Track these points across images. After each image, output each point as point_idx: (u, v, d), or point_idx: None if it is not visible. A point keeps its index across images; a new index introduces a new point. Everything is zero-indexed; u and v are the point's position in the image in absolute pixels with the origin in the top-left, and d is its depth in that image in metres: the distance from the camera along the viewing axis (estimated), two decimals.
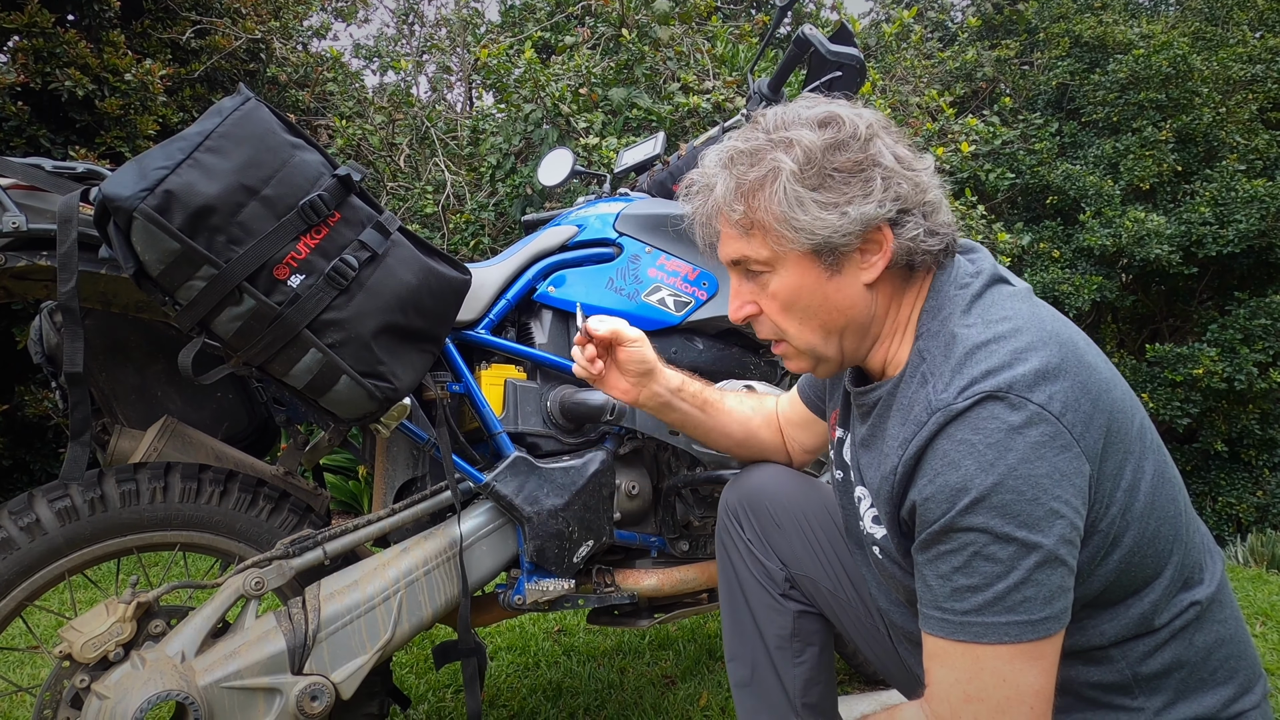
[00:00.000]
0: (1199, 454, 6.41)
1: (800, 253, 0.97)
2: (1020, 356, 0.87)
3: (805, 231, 0.94)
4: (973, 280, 0.98)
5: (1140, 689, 0.94)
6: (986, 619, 0.84)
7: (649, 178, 2.01)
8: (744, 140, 1.00)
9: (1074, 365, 0.88)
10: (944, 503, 0.85)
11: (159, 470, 1.39)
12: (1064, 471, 0.83)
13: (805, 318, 1.01)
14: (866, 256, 0.97)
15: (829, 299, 0.99)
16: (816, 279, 0.98)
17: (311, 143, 1.29)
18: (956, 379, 0.88)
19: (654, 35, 4.20)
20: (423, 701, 2.15)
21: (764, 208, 0.96)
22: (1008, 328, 0.90)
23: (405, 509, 1.50)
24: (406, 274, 1.33)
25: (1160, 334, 7.06)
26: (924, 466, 0.88)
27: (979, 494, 0.83)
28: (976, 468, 0.83)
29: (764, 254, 0.99)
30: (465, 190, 4.37)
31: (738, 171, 0.98)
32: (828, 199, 0.94)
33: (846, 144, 0.95)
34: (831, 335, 1.01)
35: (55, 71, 3.98)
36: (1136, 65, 6.32)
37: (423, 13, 5.96)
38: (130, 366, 1.61)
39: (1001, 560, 0.83)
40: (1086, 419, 0.85)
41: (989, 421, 0.84)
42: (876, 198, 0.93)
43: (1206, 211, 6.02)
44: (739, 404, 1.44)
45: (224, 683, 1.29)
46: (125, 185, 1.13)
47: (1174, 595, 0.94)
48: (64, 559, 1.33)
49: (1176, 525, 0.94)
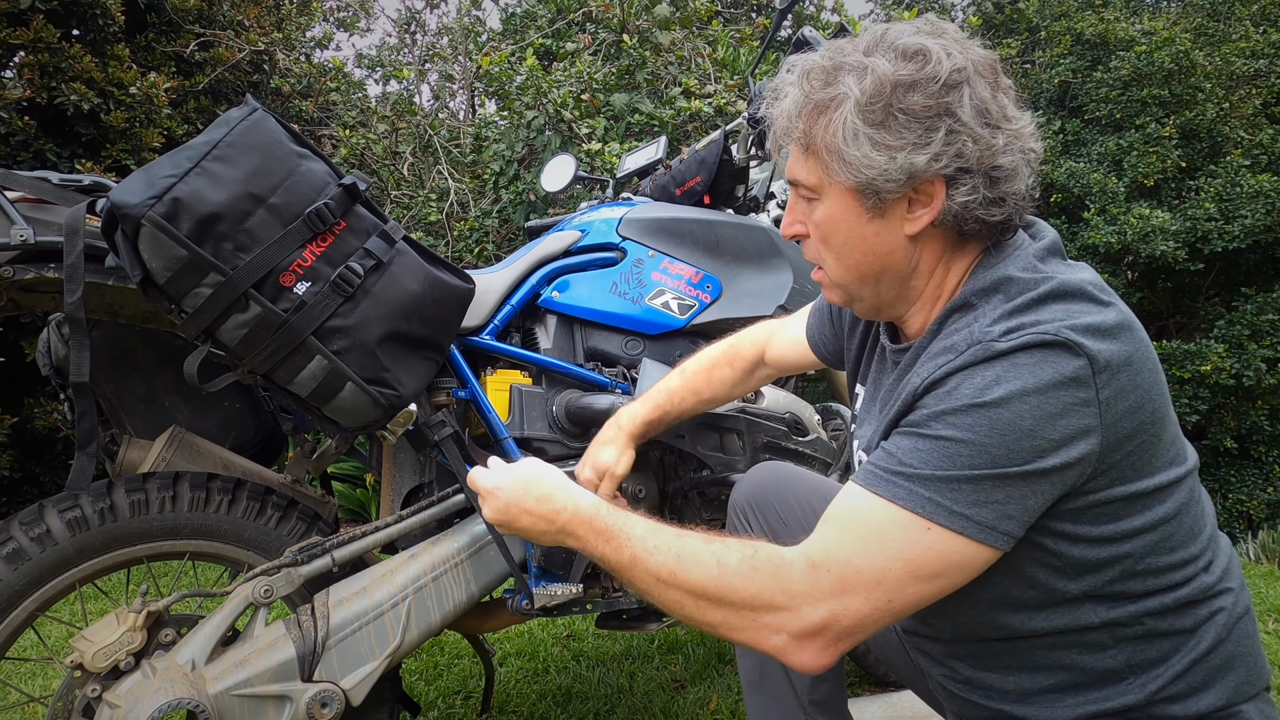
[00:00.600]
0: (1208, 451, 6.38)
1: (845, 187, 0.93)
2: (1079, 313, 0.84)
3: (851, 167, 0.90)
4: (1039, 246, 0.94)
5: (1134, 674, 0.93)
6: (914, 487, 0.83)
7: (651, 182, 2.02)
8: (830, 55, 0.94)
9: (1128, 336, 0.86)
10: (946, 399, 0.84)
11: (167, 480, 1.40)
12: (1072, 424, 0.81)
13: (841, 254, 0.97)
14: (913, 208, 0.93)
15: (866, 241, 0.95)
16: (856, 218, 0.94)
17: (317, 152, 1.30)
18: (1005, 322, 0.85)
19: (655, 40, 4.22)
20: (432, 708, 2.15)
21: (821, 133, 0.92)
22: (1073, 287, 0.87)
23: (413, 515, 1.51)
24: (411, 282, 1.33)
25: (1167, 331, 7.03)
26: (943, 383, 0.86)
27: (981, 401, 0.81)
28: (991, 380, 0.81)
29: (811, 180, 0.96)
30: (469, 197, 4.39)
31: (809, 88, 0.94)
32: (882, 139, 0.89)
33: (921, 85, 0.88)
34: (867, 279, 0.98)
35: (61, 86, 4.01)
36: (1139, 62, 6.31)
37: (425, 22, 5.99)
38: (138, 376, 1.62)
39: (961, 461, 0.82)
40: (1120, 389, 0.83)
41: (1029, 352, 0.81)
42: (932, 150, 0.88)
43: (1211, 207, 6.01)
44: (696, 398, 1.49)
45: (234, 690, 1.30)
46: (133, 193, 1.14)
47: (1176, 583, 0.93)
48: (74, 569, 1.33)
49: (1186, 514, 0.93)
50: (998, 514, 0.82)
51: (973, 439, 0.81)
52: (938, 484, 0.82)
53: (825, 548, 0.87)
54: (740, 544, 0.92)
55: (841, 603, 0.85)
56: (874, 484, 0.87)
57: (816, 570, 0.86)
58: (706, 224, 1.78)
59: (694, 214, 1.81)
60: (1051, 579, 0.91)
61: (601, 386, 1.67)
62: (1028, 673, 0.98)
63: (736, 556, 0.90)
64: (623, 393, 1.66)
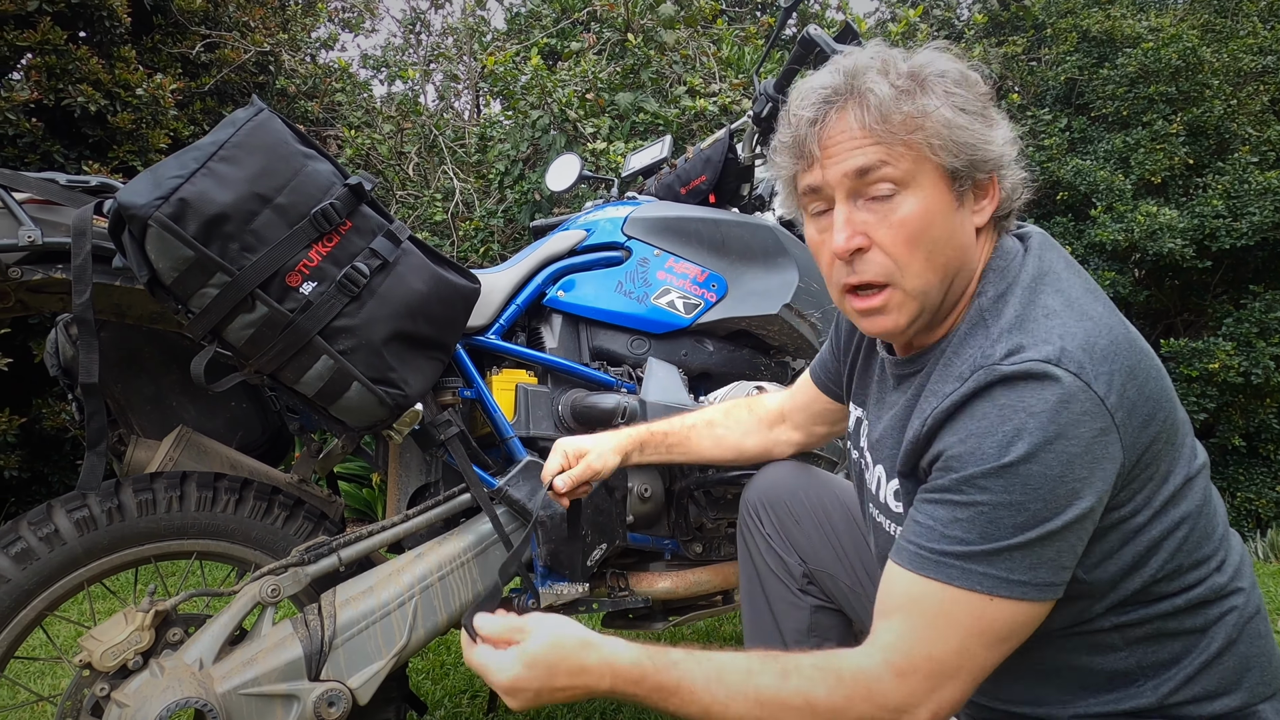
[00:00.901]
0: (1216, 449, 6.35)
1: (941, 170, 0.91)
2: (1073, 332, 0.85)
3: (964, 145, 0.90)
4: (1030, 257, 0.96)
5: (1146, 676, 0.93)
6: (967, 565, 0.83)
7: (657, 181, 2.02)
8: (887, 55, 0.94)
9: (1125, 348, 0.86)
10: (971, 461, 0.83)
11: (175, 479, 1.40)
12: (1096, 455, 0.81)
13: (932, 250, 0.92)
14: (979, 200, 0.95)
15: (954, 233, 0.93)
16: (948, 207, 0.92)
17: (323, 152, 1.30)
18: (1005, 341, 0.86)
19: (659, 39, 4.22)
20: (439, 707, 2.16)
21: (933, 110, 0.89)
22: (1061, 303, 0.88)
23: (419, 514, 1.51)
24: (417, 282, 1.33)
25: (1175, 329, 7.00)
26: (958, 422, 0.85)
27: (1009, 460, 0.80)
28: (1011, 434, 0.81)
29: (906, 165, 0.90)
30: (474, 197, 4.39)
31: (893, 76, 0.91)
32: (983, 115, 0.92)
33: (976, 80, 0.94)
34: (946, 277, 0.94)
35: (68, 88, 4.02)
36: (1146, 59, 6.28)
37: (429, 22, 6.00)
38: (145, 377, 1.63)
39: (1005, 525, 0.82)
40: (1131, 405, 0.84)
41: (1033, 391, 0.81)
42: (1006, 129, 0.92)
43: (1219, 204, 5.97)
44: (710, 425, 1.42)
45: (242, 690, 1.30)
46: (140, 194, 1.14)
47: (1189, 585, 0.92)
48: (83, 569, 1.34)
49: (1199, 519, 0.92)
50: (1053, 569, 0.83)
51: (1009, 500, 0.81)
52: (989, 558, 0.82)
53: (903, 649, 0.85)
54: (814, 666, 0.87)
55: (938, 696, 0.85)
56: (927, 568, 0.85)
57: (905, 677, 0.85)
58: (712, 223, 1.78)
59: (699, 213, 1.80)
60: (1079, 598, 0.90)
61: (607, 386, 1.67)
62: (1037, 675, 0.97)
63: (822, 687, 0.85)
64: (628, 392, 1.66)
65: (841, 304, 1.00)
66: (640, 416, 1.59)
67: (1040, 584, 0.83)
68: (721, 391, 1.69)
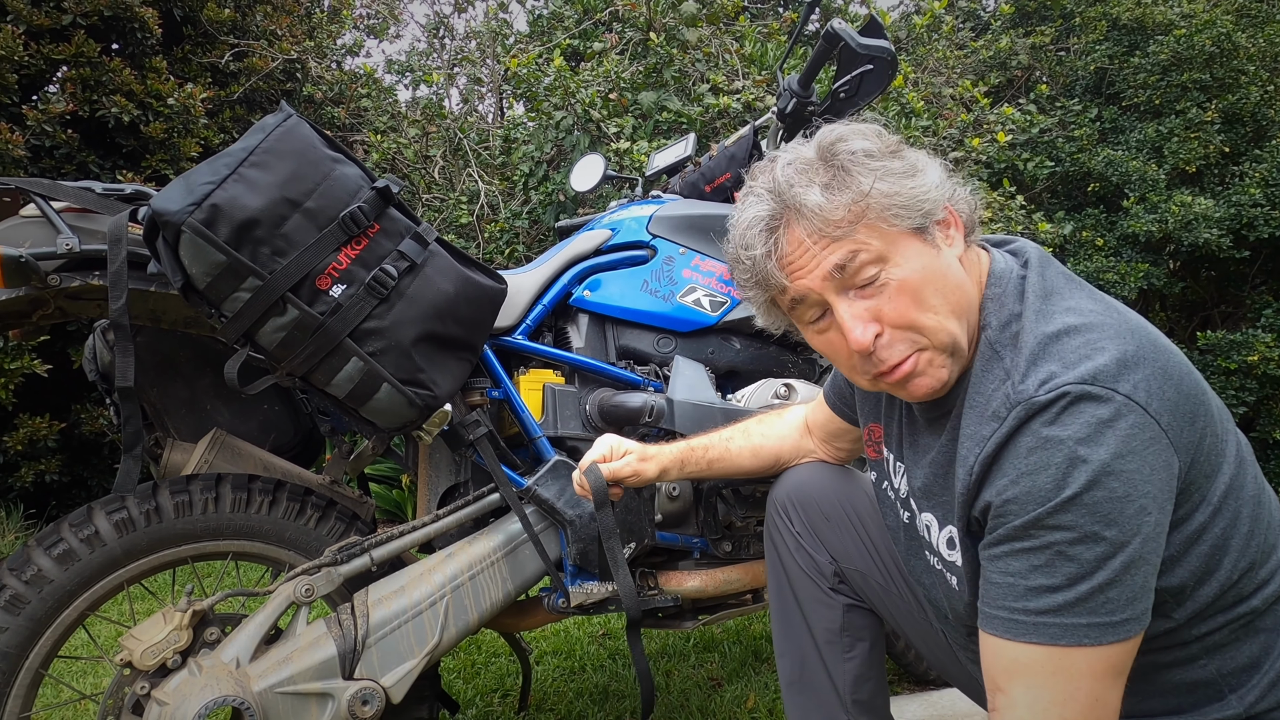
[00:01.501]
0: (1257, 443, 6.20)
1: (909, 233, 0.91)
2: (1098, 346, 0.82)
3: (910, 205, 0.90)
4: (1028, 274, 0.94)
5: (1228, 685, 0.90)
6: (1065, 619, 0.79)
7: (681, 179, 2.01)
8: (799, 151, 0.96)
9: (1151, 351, 0.84)
10: (1030, 502, 0.80)
11: (210, 481, 1.42)
12: (1154, 465, 0.79)
13: (940, 300, 0.91)
14: (946, 230, 0.94)
15: (946, 274, 0.92)
16: (930, 255, 0.92)
17: (350, 156, 1.31)
18: (1035, 371, 0.83)
19: (682, 38, 4.21)
20: (470, 706, 2.17)
21: (868, 190, 0.90)
22: (1076, 319, 0.86)
23: (449, 514, 1.52)
24: (444, 283, 1.34)
25: (1212, 321, 6.85)
26: (1004, 464, 0.83)
27: (1071, 493, 0.78)
28: (1065, 466, 0.78)
29: (875, 244, 0.90)
30: (499, 199, 4.41)
31: (819, 177, 0.92)
32: (906, 168, 0.92)
33: (878, 133, 0.95)
34: (962, 318, 0.93)
35: (102, 99, 4.11)
36: (1178, 45, 6.15)
37: (453, 26, 6.04)
38: (180, 381, 1.66)
39: (1087, 560, 0.78)
40: (1173, 407, 0.81)
41: (1076, 416, 0.79)
42: (934, 166, 0.94)
43: (1257, 193, 5.84)
44: (747, 437, 1.41)
45: (278, 688, 1.32)
46: (173, 200, 1.16)
47: (1264, 580, 0.89)
48: (122, 569, 1.36)
49: (1257, 508, 0.90)
50: (1146, 598, 0.81)
51: (1083, 533, 0.78)
52: (1085, 605, 0.79)
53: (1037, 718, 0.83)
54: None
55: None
56: (1027, 634, 0.82)
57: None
58: None
59: (724, 210, 1.79)
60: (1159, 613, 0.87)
61: (634, 385, 1.67)
62: None
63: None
64: (655, 390, 1.66)
65: (877, 387, 0.99)
66: (667, 415, 1.58)
67: (1139, 616, 0.81)
68: (749, 389, 1.68)
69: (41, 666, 1.33)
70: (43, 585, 1.30)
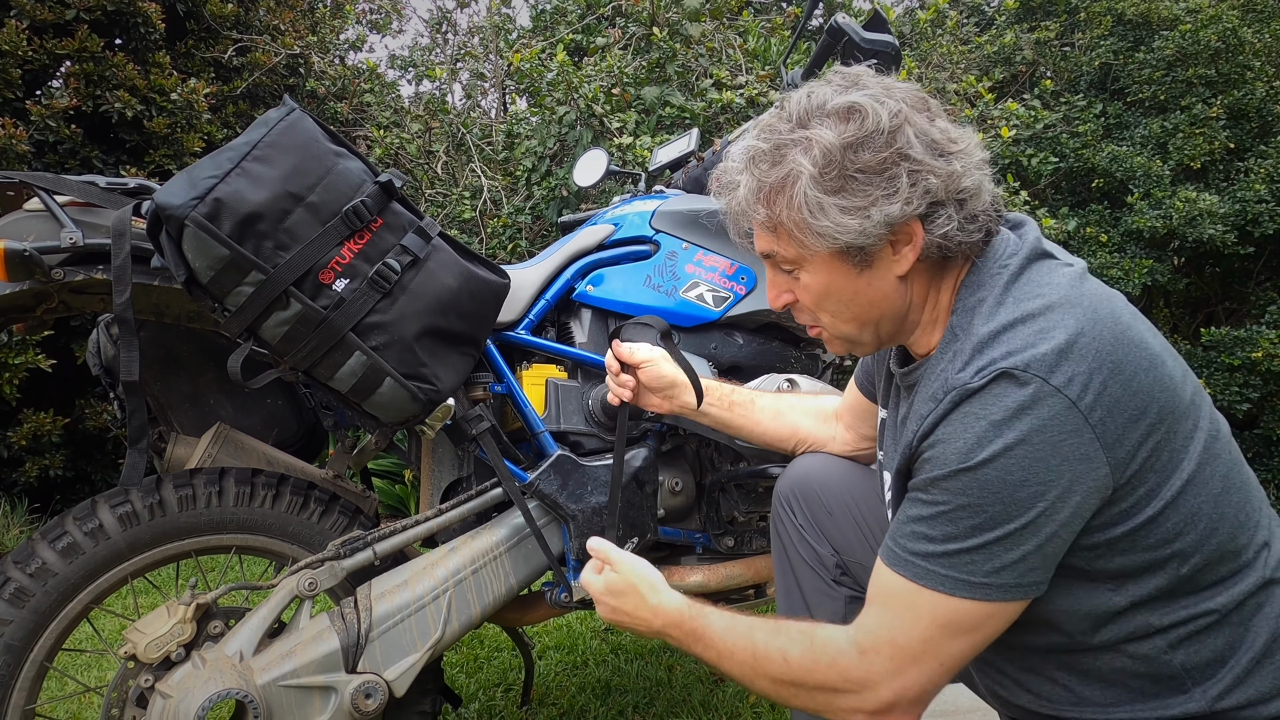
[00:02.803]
0: (1260, 440, 6.19)
1: (827, 253, 0.95)
2: (1045, 335, 0.84)
3: (827, 237, 0.92)
4: (1012, 259, 0.94)
5: (1191, 679, 0.90)
6: (929, 565, 0.88)
7: (684, 174, 2.01)
8: (765, 136, 0.96)
9: (1106, 345, 0.84)
10: (937, 464, 0.87)
11: (214, 475, 1.43)
12: (1066, 456, 0.82)
13: (838, 310, 1.00)
14: (898, 249, 0.94)
15: (860, 294, 0.97)
16: (846, 276, 0.96)
17: (354, 151, 1.31)
18: (977, 359, 0.87)
19: (685, 33, 4.20)
20: (473, 700, 2.18)
21: (784, 213, 0.93)
22: (1039, 305, 0.88)
23: (452, 509, 1.52)
24: (447, 277, 1.34)
25: (1216, 317, 6.84)
26: (934, 434, 0.89)
27: (969, 464, 0.83)
28: (975, 440, 0.83)
29: (790, 253, 0.97)
30: (502, 194, 4.41)
31: (758, 173, 0.96)
32: (849, 203, 0.90)
33: (869, 140, 0.89)
34: (866, 325, 1.00)
35: (105, 94, 4.11)
36: (1184, 41, 6.13)
37: (455, 21, 6.03)
38: (183, 375, 1.66)
39: (964, 526, 0.85)
40: (1113, 403, 0.82)
41: (1000, 398, 0.83)
42: (902, 196, 0.89)
43: (1262, 189, 5.82)
44: (775, 400, 1.44)
45: (281, 681, 1.32)
46: (176, 195, 1.16)
47: (1224, 576, 0.90)
48: (126, 563, 1.37)
49: (1221, 505, 0.90)
50: (1017, 573, 0.86)
51: (966, 502, 0.85)
52: (951, 560, 0.86)
53: (871, 631, 0.93)
54: (799, 632, 0.99)
55: (900, 680, 0.91)
56: (898, 564, 0.91)
57: (866, 655, 0.92)
58: None
59: None
60: (1098, 595, 0.90)
61: None
62: (1080, 677, 0.95)
63: (797, 649, 0.97)
64: None
65: None
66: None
67: (1003, 585, 0.86)
68: (752, 385, 1.68)
69: (46, 659, 1.34)
70: (47, 578, 1.31)
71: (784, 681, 0.97)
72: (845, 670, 0.93)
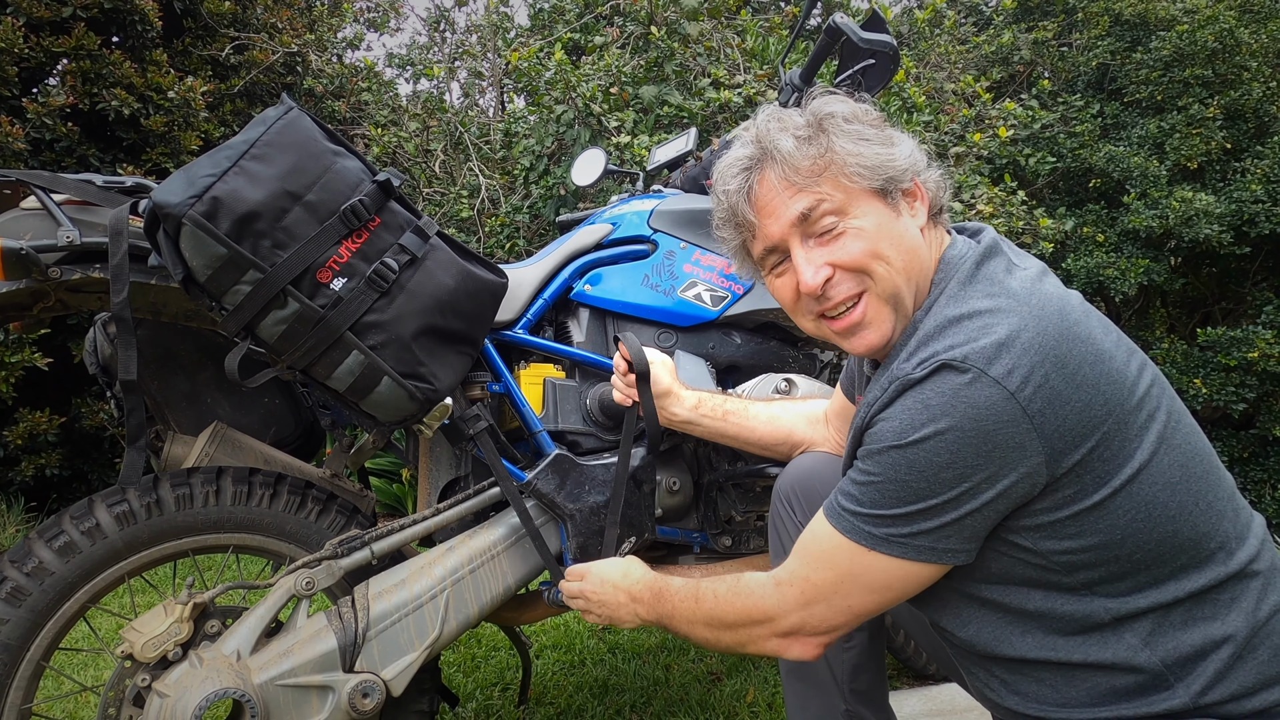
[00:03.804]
0: (1256, 440, 6.20)
1: (871, 192, 1.00)
2: (987, 330, 0.88)
3: (874, 168, 0.99)
4: (966, 261, 0.99)
5: (1174, 675, 0.91)
6: (853, 521, 0.96)
7: (682, 174, 2.01)
8: (781, 112, 1.06)
9: (1050, 340, 0.87)
10: (876, 439, 0.93)
11: (211, 474, 1.43)
12: (997, 443, 0.86)
13: (894, 253, 0.99)
14: (910, 201, 1.03)
15: (903, 236, 1.01)
16: (890, 216, 1.01)
17: (351, 150, 1.31)
18: (921, 351, 0.92)
19: (683, 32, 4.20)
20: (471, 699, 2.18)
21: (835, 147, 0.99)
22: (987, 304, 0.92)
23: (450, 508, 1.52)
24: (445, 277, 1.34)
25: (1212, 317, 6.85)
26: (876, 419, 0.94)
27: (901, 443, 0.89)
28: (910, 421, 0.89)
29: (838, 197, 0.99)
30: (499, 193, 4.41)
31: (792, 126, 1.02)
32: (881, 138, 1.00)
33: (866, 110, 1.03)
34: (911, 278, 1.01)
35: (102, 92, 4.10)
36: (1181, 41, 6.14)
37: (454, 20, 6.02)
38: (180, 374, 1.66)
39: (889, 496, 0.92)
40: (1053, 396, 0.85)
41: (939, 385, 0.88)
42: (910, 142, 1.02)
43: (1258, 189, 5.83)
44: (768, 406, 1.48)
45: (278, 680, 1.32)
46: (174, 193, 1.16)
47: (1185, 566, 0.90)
48: (123, 562, 1.37)
49: (1187, 494, 0.90)
50: (932, 539, 0.92)
51: (895, 477, 0.91)
52: (874, 519, 0.94)
53: (790, 569, 1.03)
54: (732, 576, 1.12)
55: (806, 611, 1.01)
56: (830, 516, 1.00)
57: (781, 587, 1.03)
58: None
59: None
60: (1043, 576, 0.93)
61: None
62: (1062, 676, 0.96)
63: (725, 586, 1.10)
64: None
65: (821, 332, 1.07)
66: None
67: (919, 547, 0.93)
68: (749, 384, 1.68)
69: (43, 658, 1.33)
70: (44, 577, 1.30)
71: (716, 623, 1.09)
72: (760, 601, 1.05)
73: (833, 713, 1.29)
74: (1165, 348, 6.15)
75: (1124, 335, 0.96)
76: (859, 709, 1.28)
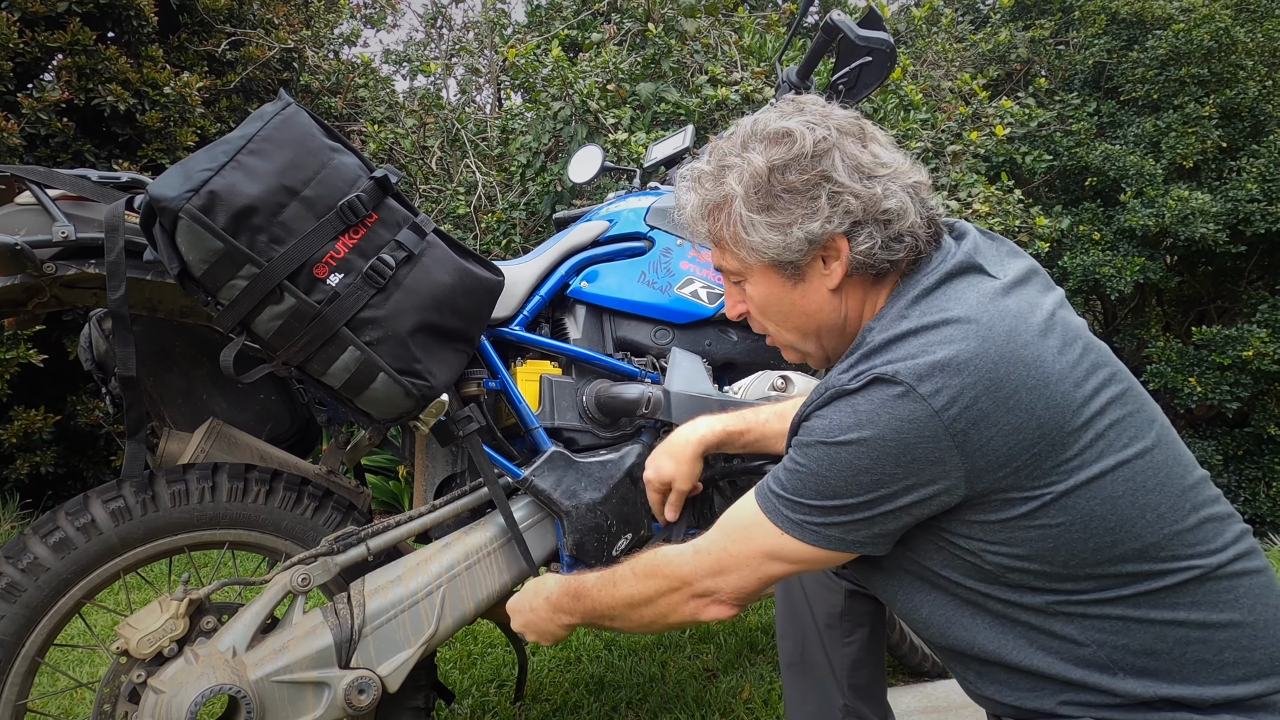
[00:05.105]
0: (1251, 439, 6.23)
1: (763, 265, 1.04)
2: (928, 349, 0.89)
3: (758, 250, 1.01)
4: (932, 275, 0.98)
5: (1120, 669, 0.91)
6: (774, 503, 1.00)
7: (678, 171, 2.01)
8: (713, 159, 1.06)
9: (991, 362, 0.87)
10: (805, 434, 0.97)
11: (207, 471, 1.42)
12: (916, 456, 0.88)
13: (779, 320, 1.09)
14: (828, 264, 1.02)
15: (796, 305, 1.05)
16: (781, 288, 1.05)
17: (349, 146, 1.31)
18: (860, 364, 0.94)
19: (680, 29, 4.20)
20: (466, 696, 2.18)
21: (722, 228, 1.04)
22: (936, 319, 0.92)
23: (446, 505, 1.52)
24: (442, 274, 1.34)
25: (1207, 316, 6.88)
26: (809, 416, 0.98)
27: (827, 440, 0.92)
28: (839, 423, 0.92)
29: (733, 265, 1.07)
30: (496, 190, 4.40)
31: (702, 192, 1.07)
32: (775, 220, 0.99)
33: (795, 163, 0.98)
34: (807, 335, 1.08)
35: (98, 87, 4.09)
36: (1177, 40, 6.15)
37: (450, 16, 6.01)
38: (176, 371, 1.65)
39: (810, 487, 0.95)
40: (981, 418, 0.87)
41: (870, 395, 0.91)
42: (823, 216, 0.98)
43: (1254, 188, 5.85)
44: (781, 422, 1.42)
45: (274, 677, 1.32)
46: (171, 187, 1.16)
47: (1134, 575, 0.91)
48: (119, 558, 1.36)
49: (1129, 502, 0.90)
50: (843, 531, 0.96)
51: (818, 471, 0.94)
52: (793, 505, 0.98)
53: (710, 539, 1.07)
54: (649, 552, 1.14)
55: (721, 578, 1.05)
56: (758, 494, 1.03)
57: (699, 554, 1.07)
58: None
59: None
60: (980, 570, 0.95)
61: (631, 376, 1.67)
62: (1018, 671, 0.97)
63: (641, 562, 1.13)
64: (652, 382, 1.66)
65: None
66: (664, 406, 1.58)
67: (830, 538, 0.97)
68: (745, 381, 1.68)
69: (38, 655, 1.33)
70: (39, 573, 1.30)
71: (636, 600, 1.11)
72: (679, 568, 1.08)
73: (831, 708, 1.29)
74: (1160, 346, 6.17)
75: (1097, 350, 0.94)
76: (857, 704, 1.29)
